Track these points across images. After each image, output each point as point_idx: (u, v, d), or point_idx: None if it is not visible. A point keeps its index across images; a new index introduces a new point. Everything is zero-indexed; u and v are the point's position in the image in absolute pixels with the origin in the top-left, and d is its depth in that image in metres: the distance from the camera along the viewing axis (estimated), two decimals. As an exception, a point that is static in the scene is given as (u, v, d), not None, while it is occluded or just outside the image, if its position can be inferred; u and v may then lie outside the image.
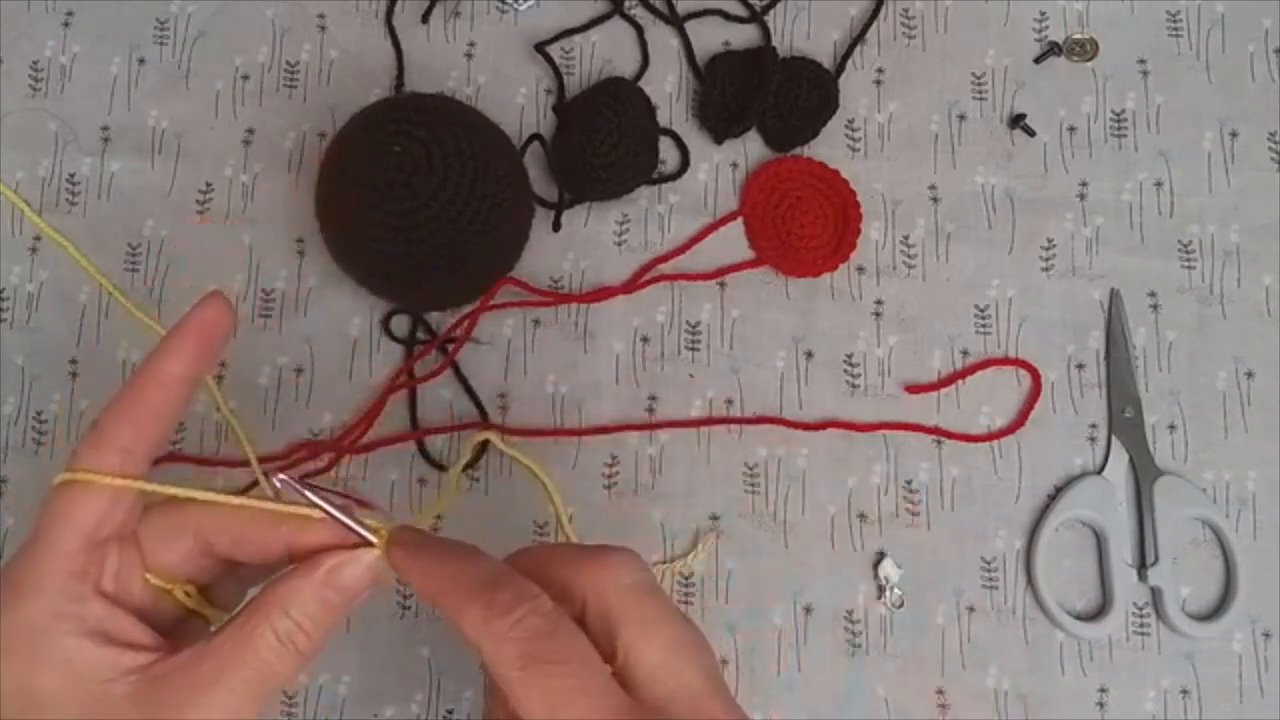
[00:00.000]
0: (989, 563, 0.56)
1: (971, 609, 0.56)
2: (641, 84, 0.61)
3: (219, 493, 0.38)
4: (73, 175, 0.60)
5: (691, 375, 0.58)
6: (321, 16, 0.62)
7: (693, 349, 0.59)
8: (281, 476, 0.37)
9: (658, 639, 0.35)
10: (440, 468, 0.56)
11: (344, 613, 0.37)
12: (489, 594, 0.34)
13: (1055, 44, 0.63)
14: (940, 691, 0.55)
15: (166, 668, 0.35)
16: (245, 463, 0.45)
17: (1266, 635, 0.56)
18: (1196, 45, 0.63)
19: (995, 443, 0.57)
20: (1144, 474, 0.57)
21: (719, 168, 0.61)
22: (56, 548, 0.35)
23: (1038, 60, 0.63)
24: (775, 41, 0.62)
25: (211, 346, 0.38)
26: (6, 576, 0.35)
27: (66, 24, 0.62)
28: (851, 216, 0.60)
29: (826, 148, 0.61)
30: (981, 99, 0.62)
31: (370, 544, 0.37)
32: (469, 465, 0.56)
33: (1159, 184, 0.61)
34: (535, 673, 0.33)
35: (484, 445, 0.57)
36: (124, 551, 0.37)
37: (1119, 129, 0.62)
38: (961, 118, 0.62)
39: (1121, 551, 0.56)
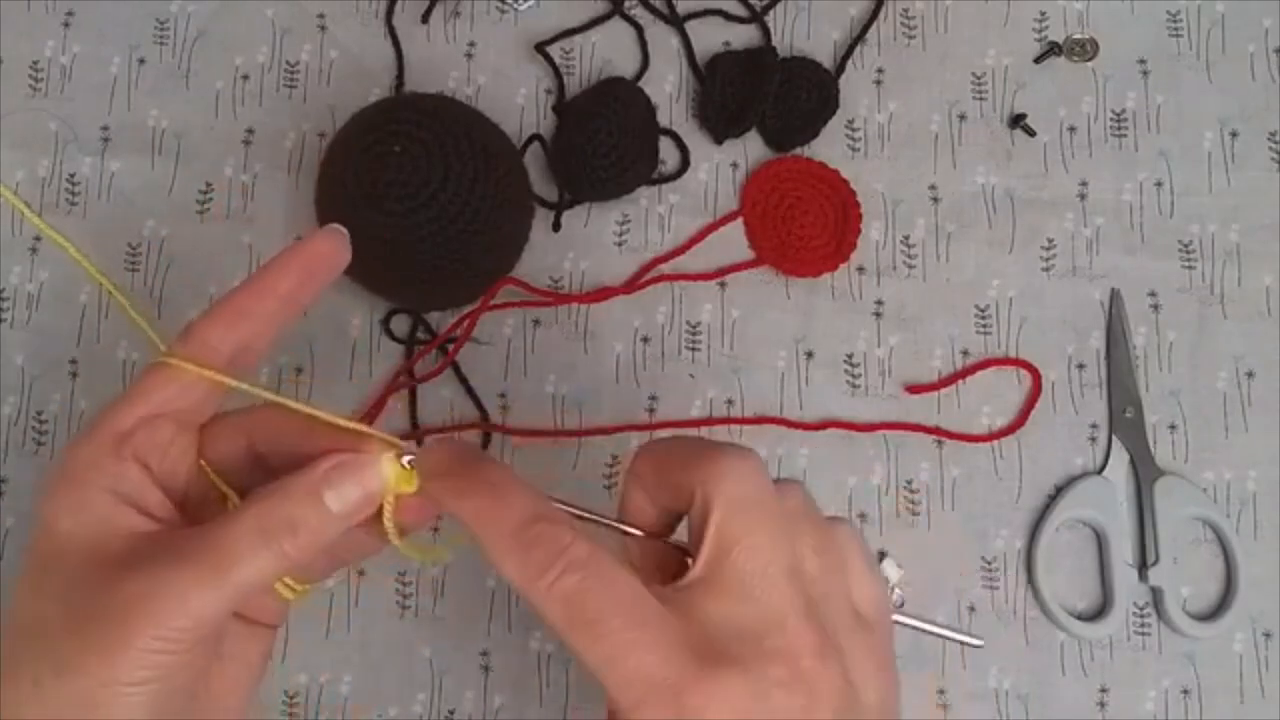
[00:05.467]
0: (989, 563, 0.56)
1: (972, 609, 0.56)
2: (641, 84, 0.61)
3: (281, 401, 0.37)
4: (73, 175, 0.60)
5: (692, 375, 0.58)
6: (321, 16, 0.62)
7: (693, 349, 0.59)
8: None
9: (738, 557, 0.33)
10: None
11: (340, 524, 0.35)
12: (523, 548, 0.33)
13: (1055, 44, 0.63)
14: (941, 691, 0.55)
15: (157, 538, 0.35)
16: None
17: (1267, 635, 0.56)
18: (1196, 45, 0.63)
19: (996, 443, 0.57)
20: (1144, 474, 0.57)
21: (719, 168, 0.61)
22: (118, 411, 0.36)
23: (1038, 60, 0.63)
24: (775, 41, 0.62)
25: (316, 275, 0.38)
26: (78, 434, 0.37)
27: (66, 24, 0.62)
28: (851, 216, 0.60)
29: (826, 148, 0.61)
30: (981, 99, 0.62)
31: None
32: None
33: (1159, 184, 0.61)
34: (581, 634, 0.32)
35: (486, 442, 0.57)
36: (182, 439, 0.37)
37: (1119, 129, 0.62)
38: (961, 118, 0.62)
39: (1122, 551, 0.56)
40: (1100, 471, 0.57)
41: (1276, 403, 0.58)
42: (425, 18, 0.62)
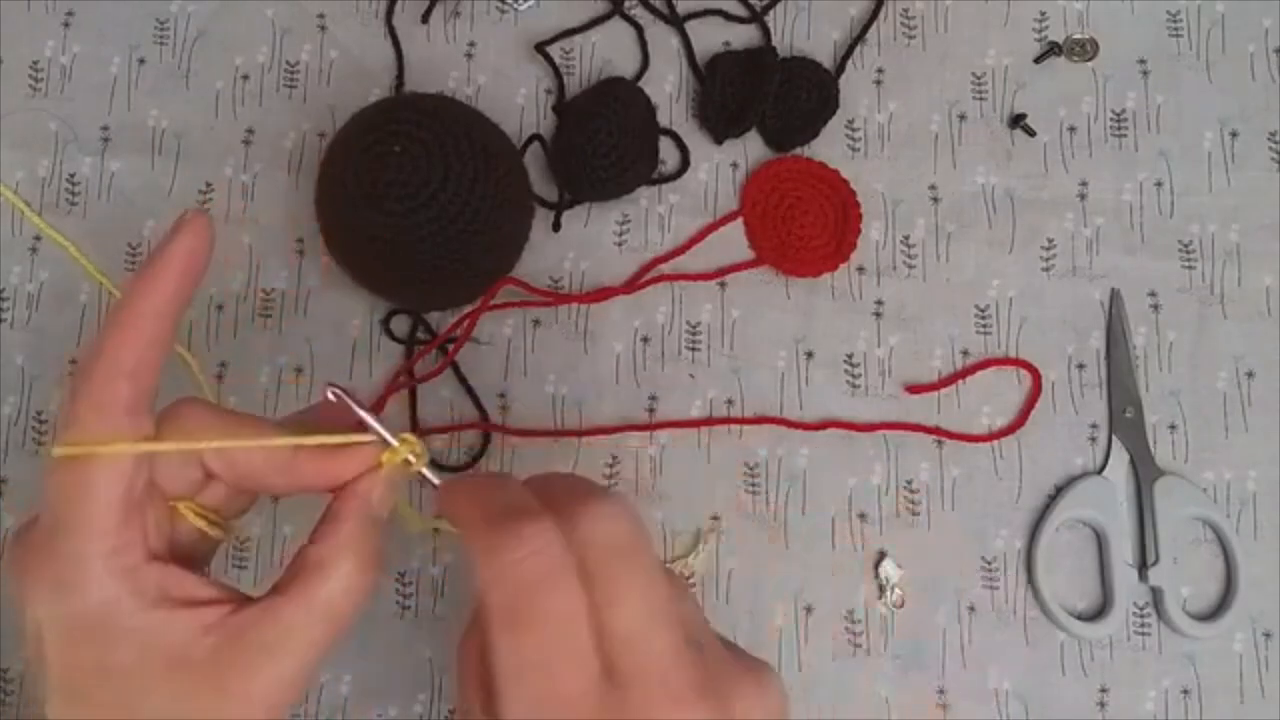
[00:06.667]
0: (989, 563, 0.56)
1: (972, 609, 0.56)
2: (641, 84, 0.61)
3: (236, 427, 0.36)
4: (73, 175, 0.60)
5: (692, 375, 0.58)
6: (321, 16, 0.62)
7: (693, 349, 0.59)
8: (335, 390, 0.37)
9: (626, 607, 0.32)
10: (440, 467, 0.56)
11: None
12: (496, 528, 0.32)
13: (1055, 44, 0.63)
14: (940, 691, 0.55)
15: (240, 623, 0.34)
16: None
17: (1267, 635, 0.56)
18: (1196, 45, 0.63)
19: (996, 443, 0.57)
20: (1144, 474, 0.57)
21: (719, 168, 0.61)
22: (91, 530, 0.33)
23: (1038, 60, 0.62)
24: (775, 41, 0.62)
25: (194, 277, 0.36)
26: (43, 574, 0.34)
27: (66, 24, 0.62)
28: (851, 216, 0.60)
29: (826, 148, 0.61)
30: (981, 99, 0.62)
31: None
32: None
33: (1159, 184, 0.61)
34: (515, 631, 0.31)
35: (486, 442, 0.57)
36: (152, 499, 0.35)
37: (1119, 129, 0.62)
38: (961, 118, 0.62)
39: (1122, 551, 0.56)
40: (1100, 471, 0.57)
41: (1276, 403, 0.58)
42: (425, 18, 0.62)
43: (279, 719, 0.35)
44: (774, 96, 0.60)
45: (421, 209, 0.52)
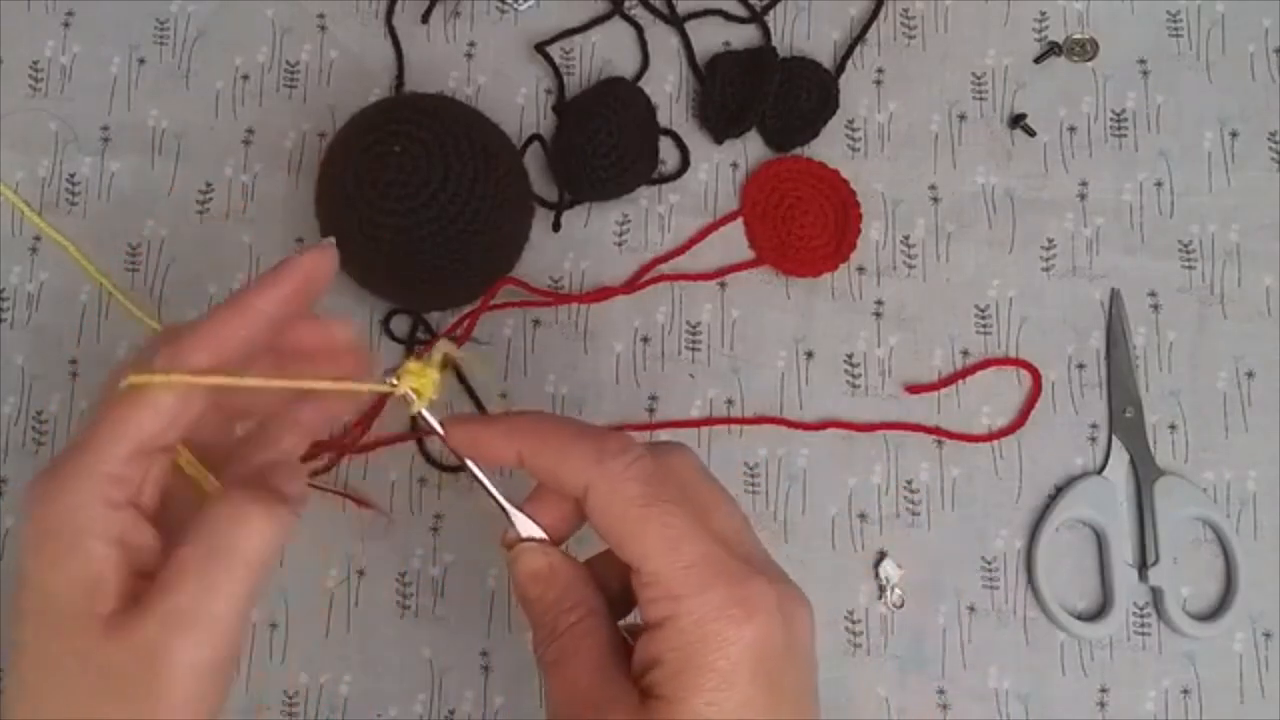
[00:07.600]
0: (989, 563, 0.56)
1: (972, 609, 0.56)
2: (641, 84, 0.61)
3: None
4: (73, 175, 0.60)
5: (692, 375, 0.58)
6: (321, 16, 0.62)
7: (693, 349, 0.59)
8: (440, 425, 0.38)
9: (721, 512, 0.37)
10: (440, 467, 0.56)
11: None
12: (597, 438, 0.36)
13: (1055, 44, 0.63)
14: (940, 691, 0.55)
15: (176, 562, 0.34)
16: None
17: (1267, 635, 0.56)
18: (1196, 45, 0.63)
19: (996, 443, 0.57)
20: (1144, 474, 0.57)
21: (719, 168, 0.61)
22: (104, 451, 0.34)
23: (1038, 60, 0.63)
24: (775, 41, 0.62)
25: (306, 293, 0.37)
26: (51, 472, 0.35)
27: (66, 24, 0.62)
28: (851, 216, 0.60)
29: (826, 148, 0.61)
30: (981, 99, 0.62)
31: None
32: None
33: (1159, 184, 0.61)
34: (655, 511, 0.35)
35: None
36: (161, 460, 0.36)
37: (1119, 129, 0.62)
38: (961, 118, 0.62)
39: (1122, 551, 0.56)
40: (1100, 471, 0.57)
41: (1276, 403, 0.58)
42: (425, 18, 0.62)
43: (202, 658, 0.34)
44: (774, 96, 0.60)
45: (421, 209, 0.52)
